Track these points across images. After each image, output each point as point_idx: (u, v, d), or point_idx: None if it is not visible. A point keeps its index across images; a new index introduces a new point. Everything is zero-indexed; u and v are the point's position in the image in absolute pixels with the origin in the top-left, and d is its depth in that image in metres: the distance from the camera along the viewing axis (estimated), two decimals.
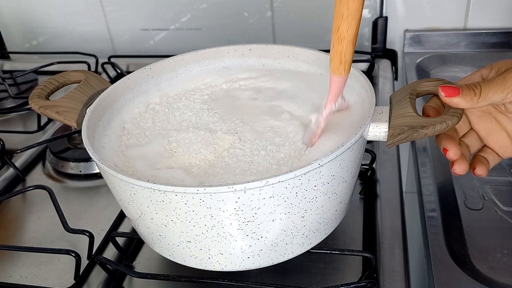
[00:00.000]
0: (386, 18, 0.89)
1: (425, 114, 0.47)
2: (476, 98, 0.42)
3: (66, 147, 0.71)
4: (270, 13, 0.94)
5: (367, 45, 0.95)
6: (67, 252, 0.51)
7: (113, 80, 0.89)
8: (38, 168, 0.72)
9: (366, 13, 0.92)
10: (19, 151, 0.71)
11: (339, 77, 0.45)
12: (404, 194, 0.60)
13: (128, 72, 0.81)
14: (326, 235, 0.47)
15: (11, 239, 0.60)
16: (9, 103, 0.87)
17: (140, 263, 0.54)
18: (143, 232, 0.47)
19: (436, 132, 0.42)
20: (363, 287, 0.45)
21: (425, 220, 0.55)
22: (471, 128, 0.49)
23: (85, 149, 0.45)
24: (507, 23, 0.88)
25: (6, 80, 0.91)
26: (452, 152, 0.44)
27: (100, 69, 0.94)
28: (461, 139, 0.49)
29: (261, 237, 0.42)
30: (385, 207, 0.57)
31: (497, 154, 0.48)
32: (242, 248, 0.43)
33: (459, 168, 0.45)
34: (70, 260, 0.52)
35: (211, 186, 0.38)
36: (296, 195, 0.40)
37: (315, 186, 0.41)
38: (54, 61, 0.93)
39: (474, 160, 0.48)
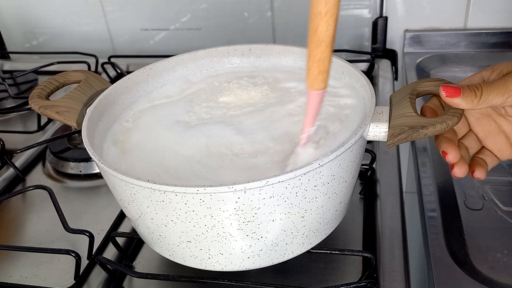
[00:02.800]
0: (386, 18, 0.89)
1: (422, 114, 0.47)
2: (476, 100, 0.42)
3: (66, 147, 0.71)
4: (270, 13, 0.94)
5: (367, 45, 0.95)
6: (67, 252, 0.51)
7: (113, 80, 0.89)
8: (38, 168, 0.72)
9: (366, 13, 0.92)
10: (19, 151, 0.71)
11: (318, 91, 0.41)
12: (404, 194, 0.60)
13: (128, 72, 0.81)
14: (326, 235, 0.47)
15: (11, 239, 0.60)
16: (9, 103, 0.87)
17: (140, 263, 0.54)
18: (143, 232, 0.47)
19: (436, 132, 0.42)
20: (363, 287, 0.45)
21: (425, 220, 0.55)
22: (470, 130, 0.49)
23: (85, 149, 0.45)
24: (507, 23, 0.88)
25: (6, 80, 0.91)
26: (452, 156, 0.44)
27: (100, 69, 0.94)
28: (460, 140, 0.49)
29: (261, 237, 0.42)
30: (385, 207, 0.57)
31: (495, 156, 0.48)
32: (242, 248, 0.43)
33: (459, 171, 0.45)
34: (70, 260, 0.52)
35: (211, 186, 0.38)
36: (296, 195, 0.40)
37: (315, 186, 0.41)
38: (54, 61, 0.93)
39: (472, 162, 0.48)
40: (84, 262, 0.53)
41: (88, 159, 0.68)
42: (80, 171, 0.69)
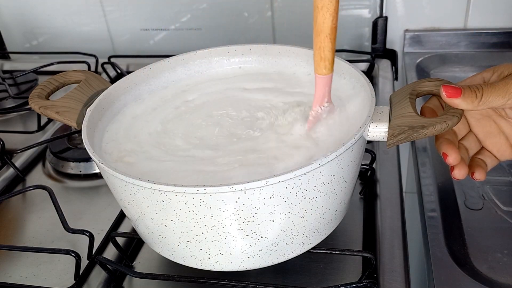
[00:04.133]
0: (386, 18, 0.89)
1: (422, 114, 0.47)
2: (477, 101, 0.42)
3: (66, 147, 0.71)
4: (270, 13, 0.94)
5: (367, 45, 0.95)
6: (67, 252, 0.51)
7: (113, 80, 0.89)
8: (38, 168, 0.72)
9: (366, 13, 0.92)
10: (19, 151, 0.71)
11: (321, 75, 0.45)
12: (404, 194, 0.60)
13: (128, 72, 0.81)
14: (326, 235, 0.47)
15: (11, 239, 0.60)
16: (9, 103, 0.87)
17: (140, 263, 0.54)
18: (143, 232, 0.47)
19: (436, 132, 0.42)
20: (363, 287, 0.45)
21: (425, 220, 0.55)
22: (470, 131, 0.49)
23: (85, 149, 0.45)
24: (507, 23, 0.88)
25: (6, 80, 0.91)
26: (452, 158, 0.44)
27: (100, 69, 0.94)
28: (460, 141, 0.49)
29: (261, 237, 0.42)
30: (385, 207, 0.57)
31: (495, 157, 0.48)
32: (242, 248, 0.43)
33: (459, 173, 0.45)
34: (70, 260, 0.52)
35: (211, 186, 0.38)
36: (296, 195, 0.40)
37: (315, 186, 0.41)
38: (54, 61, 0.93)
39: (472, 163, 0.48)
40: (84, 262, 0.53)
41: (88, 159, 0.68)
42: (80, 171, 0.69)
